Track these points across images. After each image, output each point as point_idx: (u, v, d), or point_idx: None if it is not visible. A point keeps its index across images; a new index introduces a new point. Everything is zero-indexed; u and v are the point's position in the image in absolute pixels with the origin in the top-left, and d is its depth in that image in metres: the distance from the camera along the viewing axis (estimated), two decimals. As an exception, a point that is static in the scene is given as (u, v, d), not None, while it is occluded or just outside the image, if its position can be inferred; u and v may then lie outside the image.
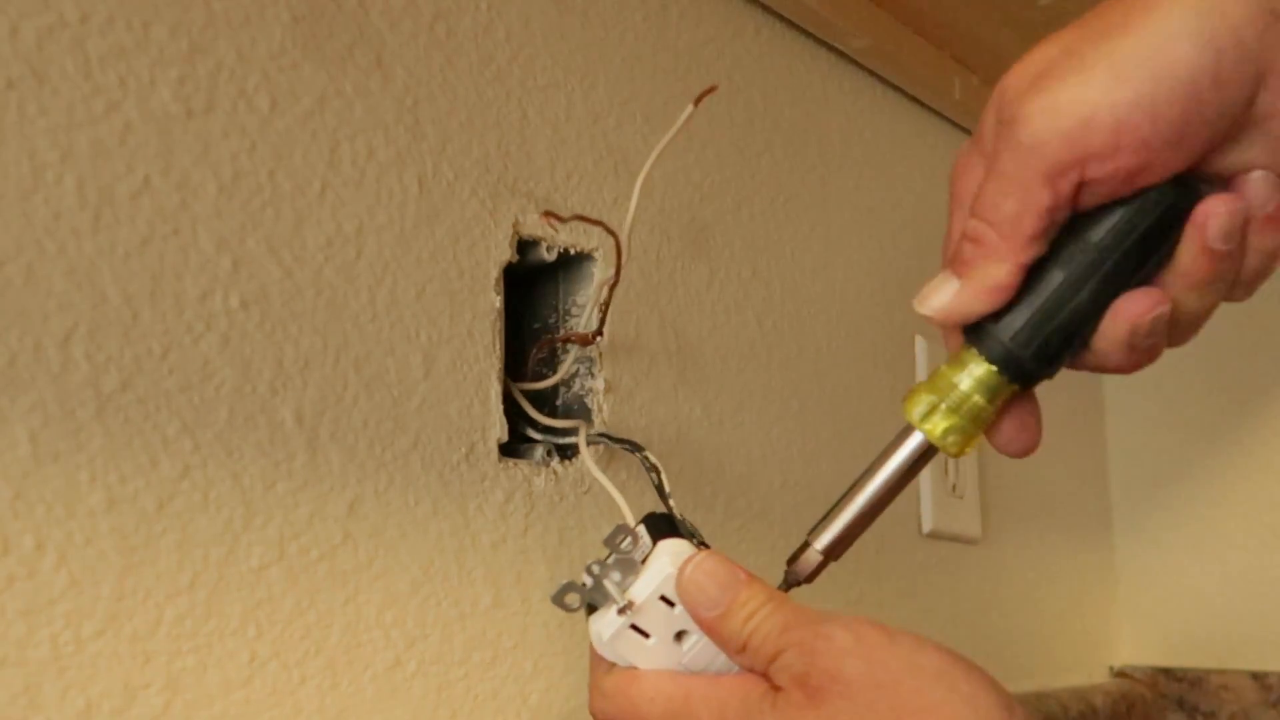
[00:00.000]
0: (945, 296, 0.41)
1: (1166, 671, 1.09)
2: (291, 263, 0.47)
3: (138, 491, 0.42)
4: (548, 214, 0.54)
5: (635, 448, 0.54)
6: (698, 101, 0.50)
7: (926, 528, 0.86)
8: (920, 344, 0.88)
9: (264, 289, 0.46)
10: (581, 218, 0.56)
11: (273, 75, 0.47)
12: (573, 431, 0.56)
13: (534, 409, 0.56)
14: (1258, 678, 1.04)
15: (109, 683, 0.41)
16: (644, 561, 0.44)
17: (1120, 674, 1.10)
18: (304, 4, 0.49)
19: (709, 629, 0.43)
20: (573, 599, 0.44)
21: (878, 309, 0.84)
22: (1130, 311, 0.39)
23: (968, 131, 0.97)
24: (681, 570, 0.43)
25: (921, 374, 0.87)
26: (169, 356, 0.43)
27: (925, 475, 0.86)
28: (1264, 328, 1.06)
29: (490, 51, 0.57)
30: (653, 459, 0.53)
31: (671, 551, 0.44)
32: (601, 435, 0.57)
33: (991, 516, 0.94)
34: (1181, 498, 1.11)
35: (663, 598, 0.43)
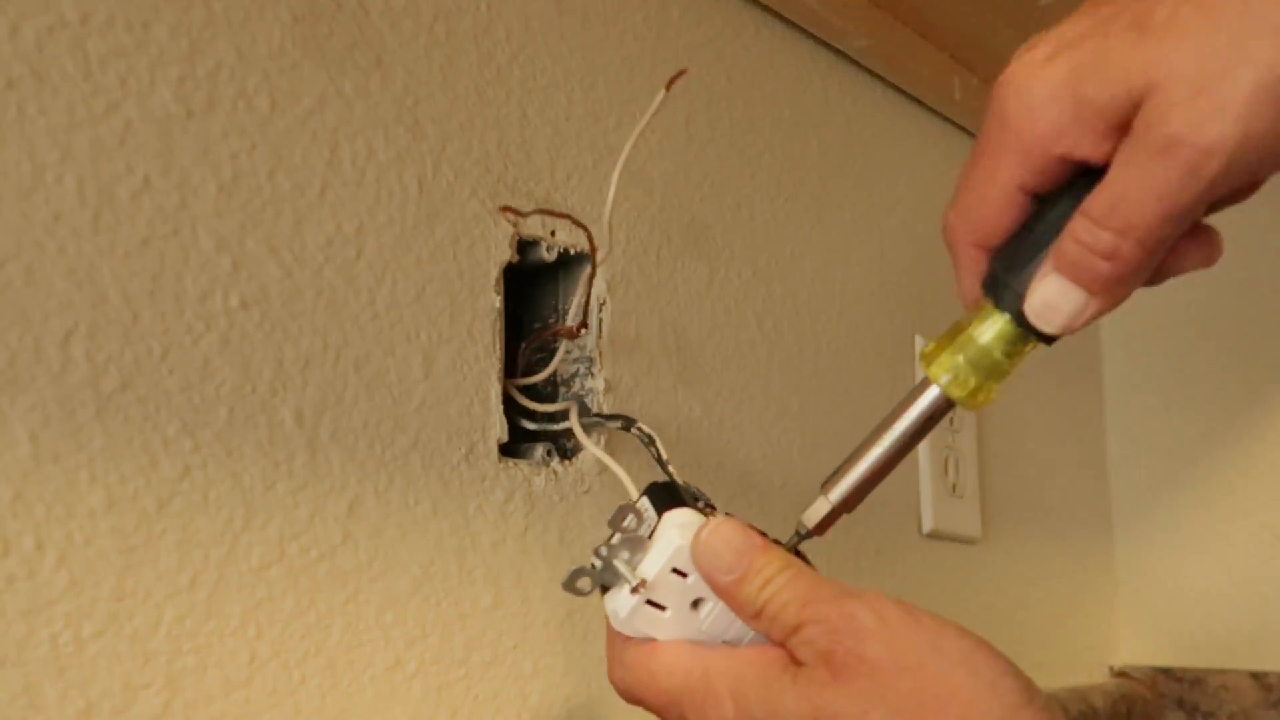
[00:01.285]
0: (1072, 310, 0.40)
1: (1166, 671, 1.09)
2: (291, 263, 0.47)
3: (138, 491, 0.42)
4: (505, 209, 0.53)
5: (628, 422, 0.54)
6: (669, 86, 0.50)
7: (926, 528, 0.86)
8: (920, 344, 0.88)
9: (264, 289, 0.46)
10: (545, 211, 0.55)
11: (273, 75, 0.47)
12: (566, 416, 0.56)
13: (528, 400, 0.56)
14: (1258, 678, 1.04)
15: (109, 683, 0.41)
16: (651, 536, 0.44)
17: (1120, 674, 1.10)
18: (304, 4, 0.49)
19: (724, 594, 0.42)
20: (584, 583, 0.44)
21: (878, 309, 0.84)
22: None
23: (968, 132, 0.97)
24: (697, 535, 0.43)
25: (921, 374, 0.87)
26: (169, 356, 0.43)
27: (925, 475, 0.86)
28: (1264, 328, 1.06)
29: (490, 51, 0.57)
30: (647, 430, 0.53)
31: (679, 523, 0.44)
32: (595, 415, 0.57)
33: (991, 516, 0.94)
34: (1181, 498, 1.11)
35: (674, 570, 0.43)
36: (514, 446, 0.56)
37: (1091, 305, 0.39)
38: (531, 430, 0.57)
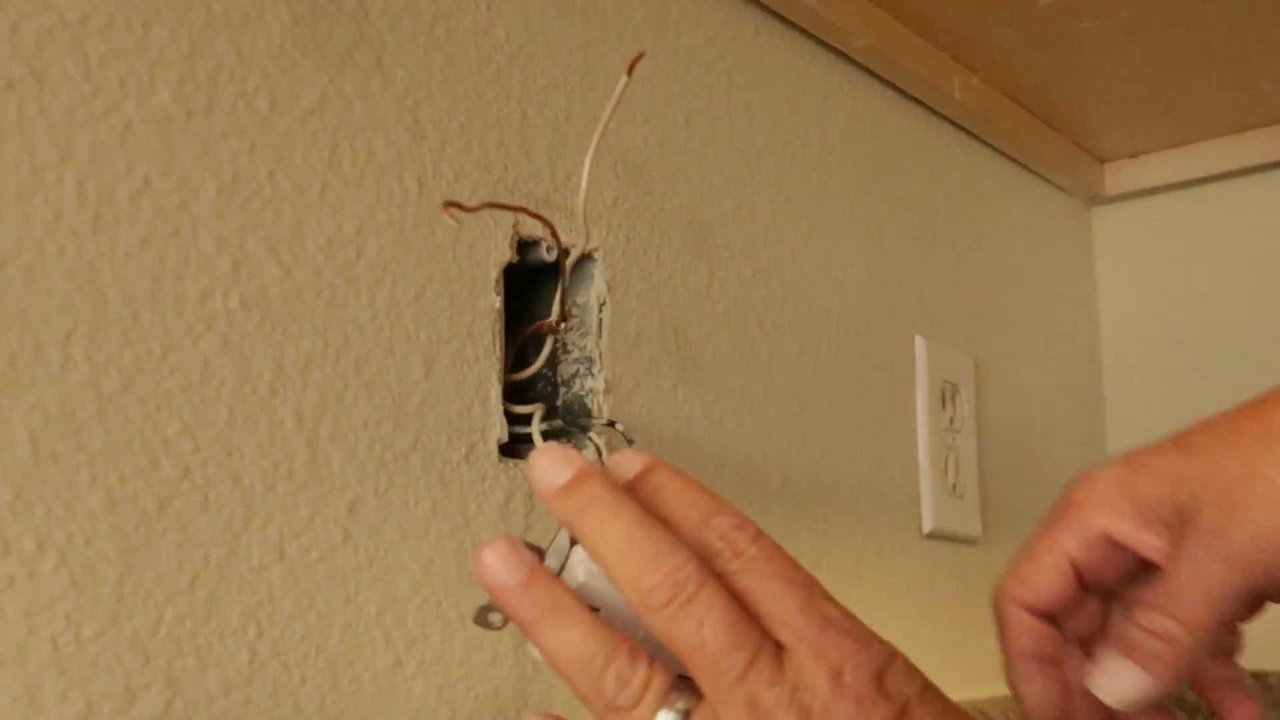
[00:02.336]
0: (1130, 687, 0.44)
1: (1166, 671, 1.08)
2: (291, 263, 0.47)
3: (138, 491, 0.42)
4: (450, 204, 0.51)
5: (585, 427, 0.53)
6: (630, 70, 0.50)
7: (926, 528, 0.86)
8: (920, 344, 0.88)
9: (264, 289, 0.46)
10: (495, 204, 0.54)
11: (273, 75, 0.47)
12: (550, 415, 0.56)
13: (515, 401, 0.56)
14: (1258, 678, 1.04)
15: (109, 683, 0.41)
16: (561, 571, 0.40)
17: (1120, 674, 1.10)
18: (304, 4, 0.49)
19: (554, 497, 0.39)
20: (496, 617, 0.41)
21: (878, 309, 0.84)
22: None
23: (968, 132, 0.97)
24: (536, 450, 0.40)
25: (922, 374, 0.87)
26: (169, 357, 0.43)
27: (925, 475, 0.86)
28: (1264, 328, 1.06)
29: (490, 52, 0.57)
30: (594, 438, 0.53)
31: (584, 556, 0.40)
32: (558, 417, 0.56)
33: (991, 516, 0.94)
34: (1181, 498, 1.11)
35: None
36: (514, 446, 0.56)
37: (1147, 684, 0.44)
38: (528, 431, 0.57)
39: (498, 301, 0.55)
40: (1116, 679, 0.44)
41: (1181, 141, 1.08)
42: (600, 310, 0.61)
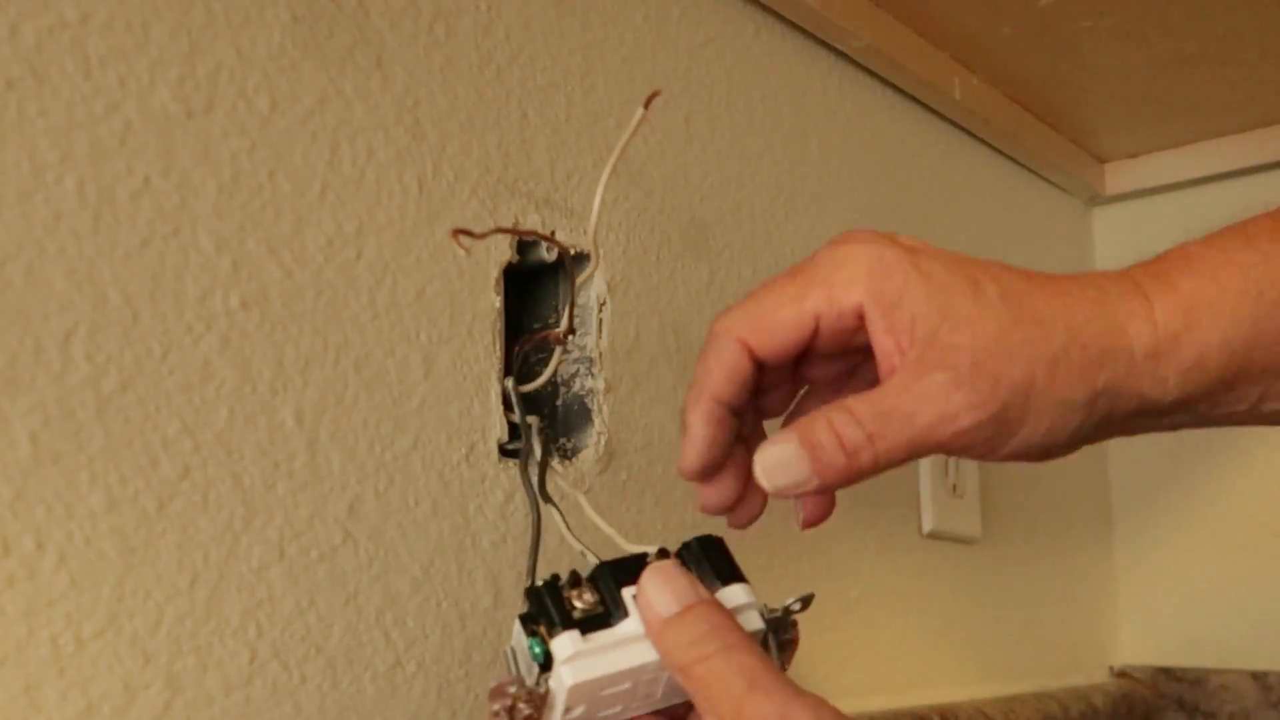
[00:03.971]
0: (793, 480, 0.40)
1: (1166, 671, 1.09)
2: (291, 263, 0.47)
3: (138, 491, 0.42)
4: (459, 231, 0.50)
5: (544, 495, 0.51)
6: (647, 104, 0.49)
7: (926, 528, 0.86)
8: (920, 344, 0.88)
9: (264, 289, 0.46)
10: (503, 230, 0.54)
11: (273, 75, 0.47)
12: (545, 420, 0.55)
13: (521, 405, 0.55)
14: (1258, 678, 1.04)
15: (109, 683, 0.41)
16: (539, 683, 0.40)
17: (1120, 674, 1.10)
18: (304, 4, 0.49)
19: (657, 632, 0.39)
20: None
21: (878, 309, 0.84)
22: None
23: (968, 132, 0.97)
24: (644, 572, 0.41)
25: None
26: (169, 357, 0.43)
27: (925, 475, 0.86)
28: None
29: (490, 51, 0.57)
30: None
31: (562, 659, 0.40)
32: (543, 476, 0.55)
33: (991, 516, 0.94)
34: (1181, 498, 1.11)
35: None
36: (514, 446, 0.56)
37: (811, 484, 0.39)
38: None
39: (498, 301, 0.55)
40: (785, 467, 0.39)
41: (1181, 141, 1.08)
42: (600, 310, 0.61)
